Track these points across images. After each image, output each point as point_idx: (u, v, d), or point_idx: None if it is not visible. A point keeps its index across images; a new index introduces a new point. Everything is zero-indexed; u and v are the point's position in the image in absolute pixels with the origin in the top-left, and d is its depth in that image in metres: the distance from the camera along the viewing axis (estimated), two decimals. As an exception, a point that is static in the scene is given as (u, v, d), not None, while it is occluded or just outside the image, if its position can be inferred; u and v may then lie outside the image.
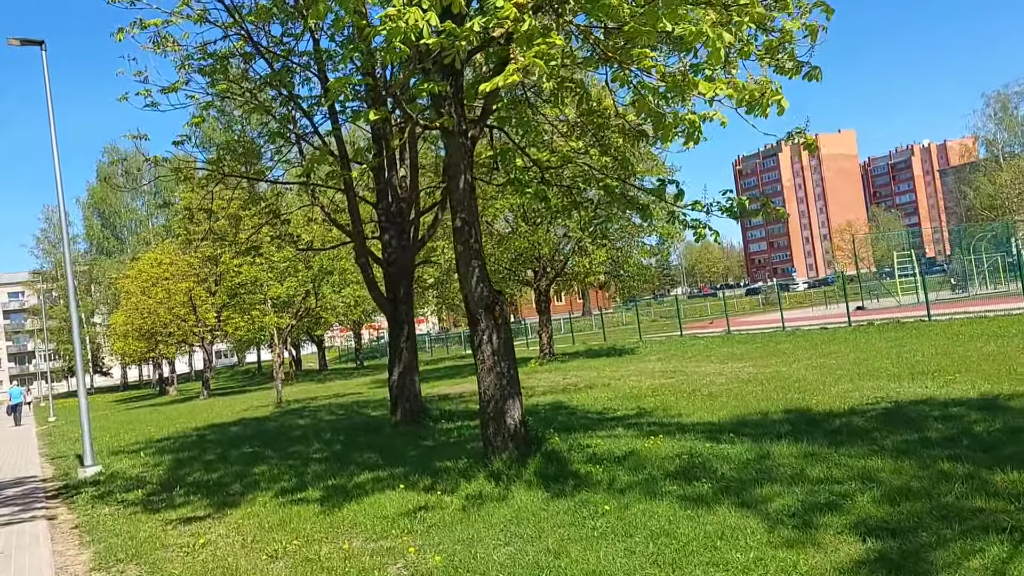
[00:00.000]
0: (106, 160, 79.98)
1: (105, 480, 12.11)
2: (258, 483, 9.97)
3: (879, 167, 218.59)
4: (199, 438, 17.15)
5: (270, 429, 17.19)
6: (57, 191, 13.90)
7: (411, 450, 11.04)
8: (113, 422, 28.01)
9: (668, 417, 11.21)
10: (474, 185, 8.30)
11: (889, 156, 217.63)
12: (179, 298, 35.61)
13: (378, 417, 16.60)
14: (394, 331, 13.44)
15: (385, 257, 13.60)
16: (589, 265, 25.28)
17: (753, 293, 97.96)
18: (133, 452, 15.79)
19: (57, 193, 13.83)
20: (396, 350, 13.39)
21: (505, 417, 8.22)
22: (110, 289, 70.92)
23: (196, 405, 32.90)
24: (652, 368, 20.34)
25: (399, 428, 13.13)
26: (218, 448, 14.51)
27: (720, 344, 25.73)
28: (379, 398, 22.27)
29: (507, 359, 8.27)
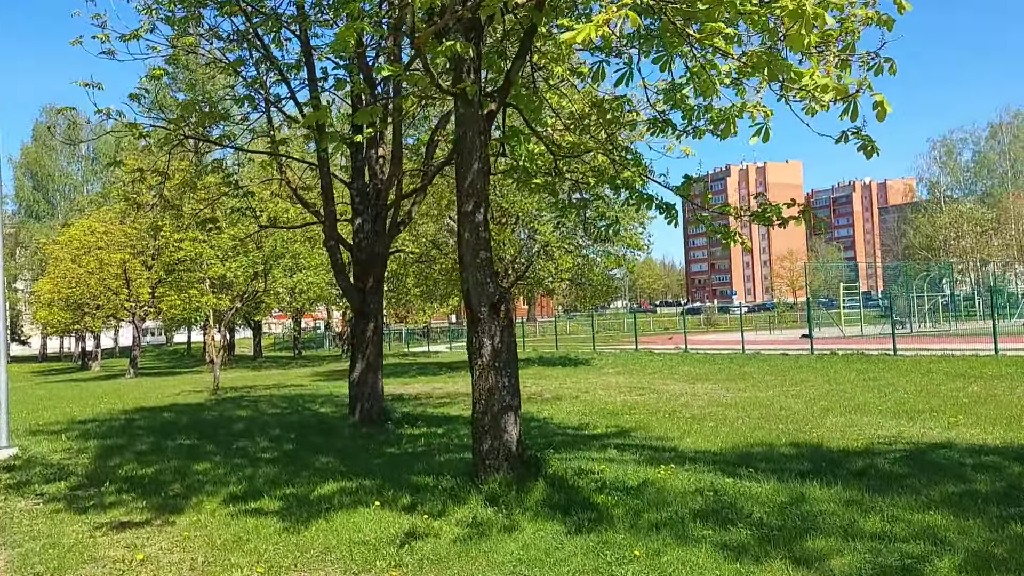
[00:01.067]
0: (44, 119, 76.38)
1: (21, 466, 10.70)
2: (202, 484, 8.77)
3: (821, 199, 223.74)
4: (127, 422, 15.69)
5: (207, 419, 15.82)
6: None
7: (375, 458, 9.96)
8: (31, 396, 26.04)
9: (658, 440, 10.35)
10: (489, 166, 7.30)
11: (831, 190, 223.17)
12: (112, 269, 33.57)
13: (329, 415, 15.40)
14: (360, 323, 12.32)
15: (356, 243, 12.46)
16: (555, 271, 24.42)
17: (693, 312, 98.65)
18: (54, 433, 14.28)
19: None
20: (361, 344, 12.27)
21: (503, 432, 7.23)
22: (37, 255, 67.50)
23: (122, 384, 30.98)
24: (616, 382, 19.55)
25: (358, 430, 12.00)
26: (150, 437, 13.15)
27: (679, 362, 25.14)
28: (325, 393, 21.03)
29: (510, 366, 7.30)
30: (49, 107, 76.29)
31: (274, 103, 12.65)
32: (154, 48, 12.34)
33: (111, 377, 38.08)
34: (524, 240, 26.28)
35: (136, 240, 34.50)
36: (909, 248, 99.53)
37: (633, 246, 24.93)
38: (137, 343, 36.25)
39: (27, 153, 75.92)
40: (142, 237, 34.94)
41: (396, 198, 12.12)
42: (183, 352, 77.95)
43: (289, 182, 13.26)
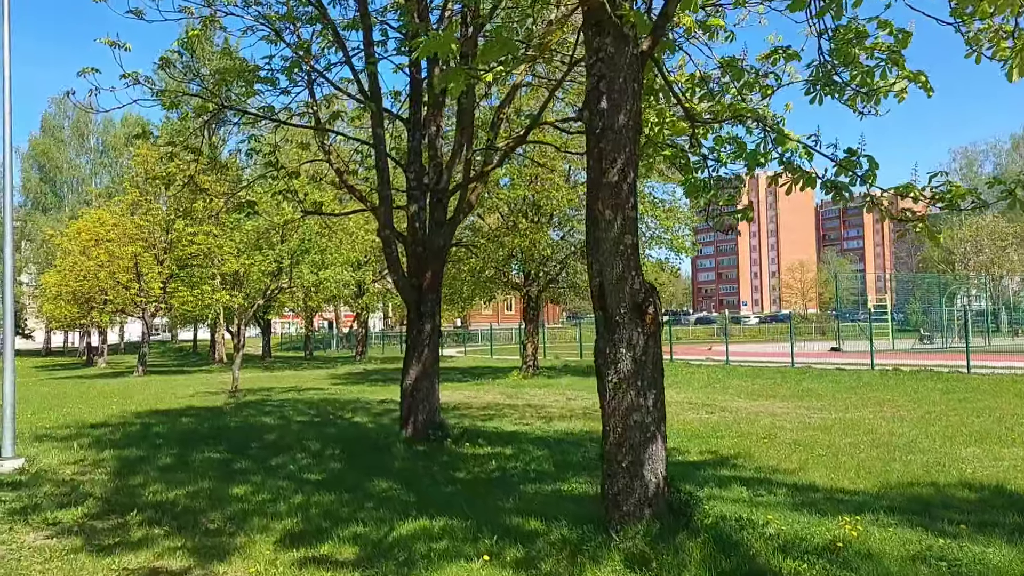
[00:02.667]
0: (53, 110, 75.20)
1: (29, 481, 9.16)
2: (247, 516, 7.22)
3: (830, 211, 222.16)
4: (144, 428, 14.15)
5: (231, 427, 14.28)
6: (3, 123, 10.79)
7: (445, 484, 8.41)
8: (35, 394, 24.50)
9: (776, 473, 8.80)
10: (641, 123, 5.76)
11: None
12: (123, 263, 32.02)
13: (368, 425, 13.85)
14: (416, 324, 10.77)
15: (411, 233, 10.92)
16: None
17: (704, 323, 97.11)
18: (63, 440, 12.75)
19: (3, 127, 10.73)
20: (416, 348, 10.72)
21: (643, 469, 5.68)
22: (43, 247, 66.07)
23: (131, 383, 29.43)
24: (673, 398, 17.94)
25: (411, 446, 10.44)
26: (173, 447, 11.61)
27: (725, 375, 23.54)
28: (351, 399, 19.48)
29: (656, 385, 5.76)
30: (57, 98, 75.08)
31: (320, 72, 11.12)
32: (187, 9, 10.86)
33: (118, 375, 36.53)
34: (556, 240, 24.71)
35: (148, 233, 32.98)
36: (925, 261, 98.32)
37: (679, 248, 23.36)
38: (146, 340, 34.71)
39: (35, 144, 74.61)
40: (154, 230, 33.45)
41: (465, 181, 10.56)
42: (189, 350, 76.47)
43: (334, 165, 11.72)
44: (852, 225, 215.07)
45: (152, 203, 33.62)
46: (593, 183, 5.73)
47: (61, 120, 74.05)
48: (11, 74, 10.61)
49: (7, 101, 10.68)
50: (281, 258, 18.72)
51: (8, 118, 10.79)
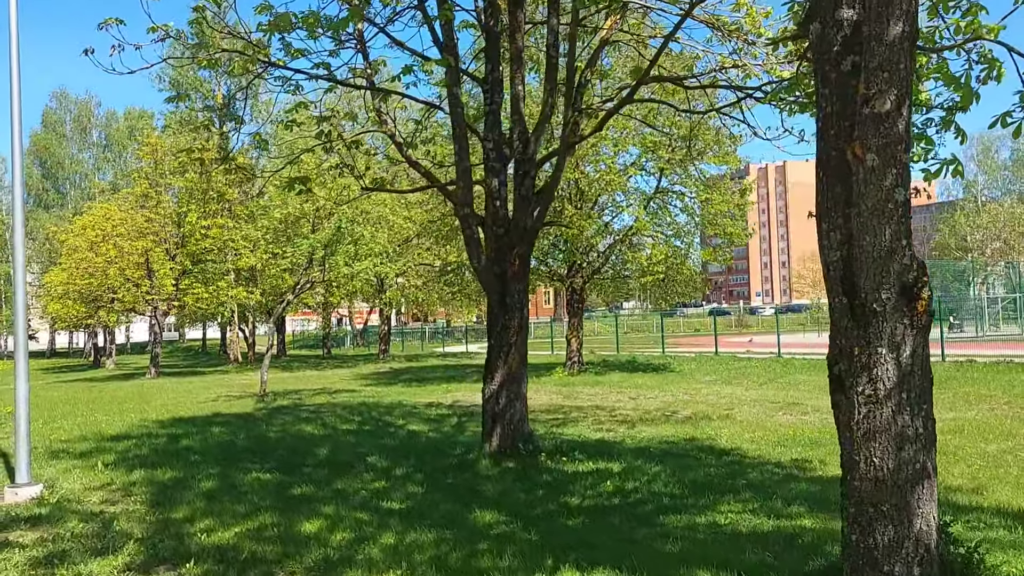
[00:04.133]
0: (54, 105, 73.61)
1: (50, 516, 7.59)
2: (334, 566, 5.67)
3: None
4: (171, 441, 12.59)
5: (272, 437, 12.73)
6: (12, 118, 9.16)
7: (565, 516, 6.83)
8: (45, 400, 22.96)
9: (965, 495, 7.22)
10: (918, 29, 4.16)
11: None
12: (133, 258, 30.44)
13: (427, 434, 12.29)
14: (500, 319, 9.19)
15: (491, 213, 9.33)
16: (647, 262, 21.20)
17: (719, 314, 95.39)
18: (83, 456, 11.20)
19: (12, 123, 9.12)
20: (501, 347, 9.14)
21: (912, 514, 4.09)
22: (46, 245, 64.55)
23: (145, 386, 27.88)
24: (744, 395, 16.39)
25: (499, 463, 8.86)
26: (212, 465, 10.05)
27: (782, 368, 21.95)
28: (393, 402, 17.93)
29: (925, 400, 4.17)
30: (59, 92, 73.52)
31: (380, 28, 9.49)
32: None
33: (129, 377, 35.00)
34: (602, 226, 23.08)
35: (159, 227, 31.41)
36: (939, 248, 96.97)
37: (736, 236, 21.74)
38: (158, 340, 33.14)
39: (36, 140, 72.97)
40: (165, 223, 31.88)
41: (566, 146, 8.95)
42: (198, 349, 75.05)
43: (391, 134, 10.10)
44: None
45: (162, 195, 32.06)
46: (841, 118, 4.13)
47: (63, 115, 72.47)
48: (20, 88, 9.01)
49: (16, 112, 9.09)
50: (314, 248, 17.19)
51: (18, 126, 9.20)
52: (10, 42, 8.96)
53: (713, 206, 21.08)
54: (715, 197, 21.02)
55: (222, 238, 31.15)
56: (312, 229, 21.29)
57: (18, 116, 9.08)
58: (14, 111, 9.07)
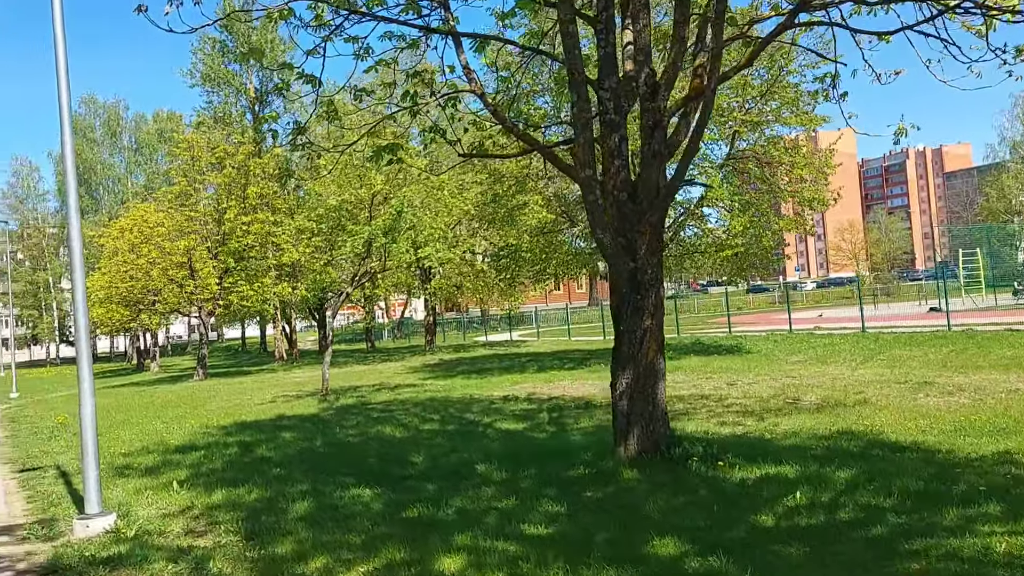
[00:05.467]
0: (83, 110, 73.10)
1: (131, 555, 6.37)
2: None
3: (872, 169, 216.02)
4: (243, 450, 11.41)
5: (352, 442, 11.50)
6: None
7: (771, 543, 5.44)
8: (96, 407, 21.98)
9: None
10: None
11: (883, 158, 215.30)
12: (175, 258, 29.46)
13: (530, 434, 10.98)
14: (629, 300, 7.81)
15: (611, 176, 7.93)
16: (725, 235, 19.68)
17: (758, 291, 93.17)
18: (152, 473, 10.06)
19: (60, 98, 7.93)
20: (633, 333, 7.76)
21: None
22: (84, 250, 64.23)
23: (195, 389, 26.91)
24: (854, 376, 14.89)
25: (645, 471, 7.49)
26: (299, 479, 8.82)
27: (879, 345, 20.31)
28: (461, 396, 16.71)
29: None
30: (88, 97, 73.03)
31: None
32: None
33: (176, 379, 34.20)
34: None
35: (200, 225, 30.40)
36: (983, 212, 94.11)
37: (819, 201, 20.09)
38: (205, 340, 32.20)
39: (68, 146, 72.58)
40: (205, 221, 30.87)
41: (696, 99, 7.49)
42: (238, 348, 74.64)
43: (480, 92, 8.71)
44: (895, 183, 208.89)
45: (201, 192, 31.07)
46: None
47: (91, 119, 71.96)
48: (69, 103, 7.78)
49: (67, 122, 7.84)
50: (373, 237, 15.94)
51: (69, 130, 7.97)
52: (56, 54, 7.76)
53: (796, 170, 19.48)
54: (799, 160, 19.42)
55: (263, 233, 30.07)
56: (369, 216, 20.05)
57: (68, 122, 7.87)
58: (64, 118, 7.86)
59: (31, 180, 78.86)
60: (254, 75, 41.01)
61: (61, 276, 79.27)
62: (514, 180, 20.08)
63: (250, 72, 40.72)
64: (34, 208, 79.35)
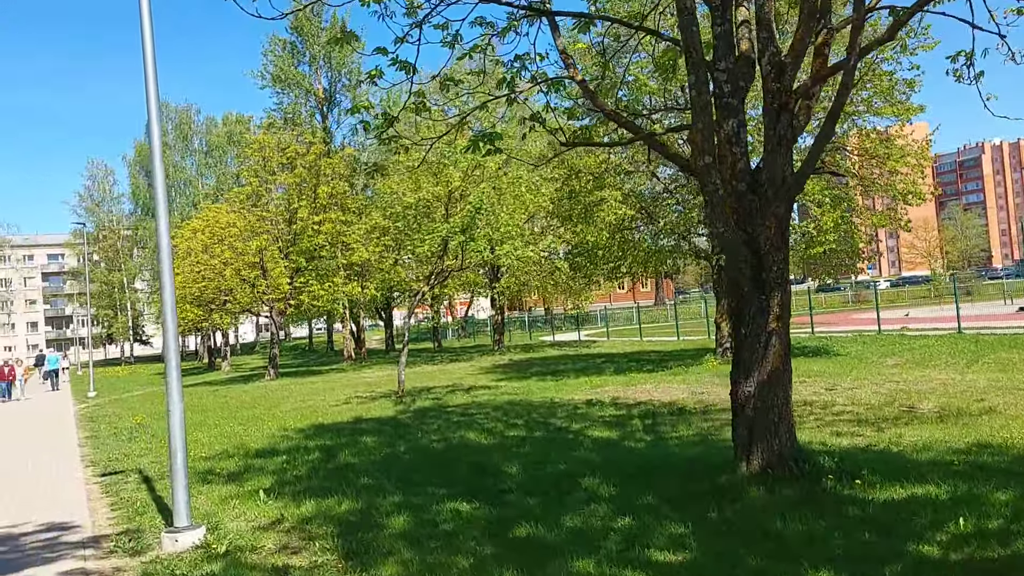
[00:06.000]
0: (156, 114, 74.70)
1: (223, 575, 5.96)
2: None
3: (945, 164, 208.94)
4: (326, 455, 11.04)
5: (436, 448, 11.03)
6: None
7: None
8: (171, 407, 22.07)
9: None
10: None
11: (957, 153, 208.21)
12: (248, 258, 29.57)
13: (627, 444, 10.35)
14: (752, 300, 7.13)
15: (729, 165, 7.25)
16: (815, 231, 18.70)
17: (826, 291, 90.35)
18: (235, 480, 9.73)
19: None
20: (757, 336, 7.08)
21: None
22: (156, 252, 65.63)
23: (268, 389, 26.94)
24: (963, 381, 13.83)
25: (773, 489, 6.79)
26: (390, 490, 8.34)
27: (978, 348, 19.07)
28: (542, 400, 16.15)
29: None
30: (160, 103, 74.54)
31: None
32: None
33: (247, 379, 34.42)
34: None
35: (271, 224, 30.48)
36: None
37: (914, 195, 18.93)
38: (276, 340, 32.32)
39: (140, 150, 74.48)
40: (276, 221, 30.94)
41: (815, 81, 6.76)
42: (304, 347, 75.46)
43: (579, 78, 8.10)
44: (970, 178, 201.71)
45: (272, 191, 31.17)
46: None
47: (164, 123, 73.49)
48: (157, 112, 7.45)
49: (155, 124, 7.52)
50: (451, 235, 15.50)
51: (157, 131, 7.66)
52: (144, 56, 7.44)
53: (890, 162, 18.40)
54: (894, 152, 18.34)
55: (334, 233, 30.01)
56: (446, 213, 19.62)
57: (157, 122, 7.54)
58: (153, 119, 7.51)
59: (106, 183, 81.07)
60: (323, 76, 41.13)
61: (135, 276, 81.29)
62: (591, 176, 19.44)
63: (319, 73, 40.84)
64: (109, 211, 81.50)
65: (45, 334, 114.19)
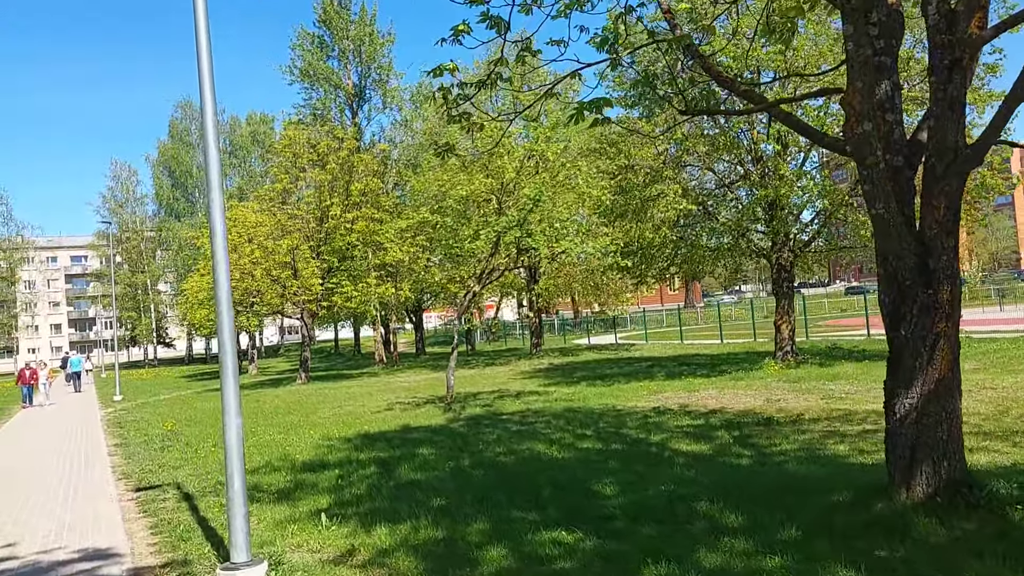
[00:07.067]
0: (179, 115, 74.40)
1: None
2: None
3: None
4: (384, 470, 9.98)
5: (506, 463, 9.94)
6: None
7: None
8: (204, 412, 21.17)
9: None
10: None
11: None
12: (278, 258, 28.61)
13: (714, 458, 9.21)
14: (914, 293, 5.99)
15: (883, 136, 6.11)
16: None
17: (856, 293, 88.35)
18: (286, 498, 8.70)
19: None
20: (922, 337, 5.94)
21: None
22: (181, 252, 65.03)
23: (301, 393, 25.98)
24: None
25: (944, 521, 5.63)
26: (471, 515, 7.23)
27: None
28: (601, 406, 15.09)
29: None
30: (184, 102, 74.24)
31: None
32: None
33: (277, 383, 33.50)
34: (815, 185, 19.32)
35: (303, 223, 29.54)
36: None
37: (996, 187, 17.59)
38: (307, 342, 31.35)
39: (164, 151, 74.02)
40: (308, 220, 30.00)
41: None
42: (330, 350, 74.65)
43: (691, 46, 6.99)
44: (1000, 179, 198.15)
45: (303, 189, 30.25)
46: None
47: (187, 123, 73.05)
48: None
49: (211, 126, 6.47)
50: (506, 230, 14.39)
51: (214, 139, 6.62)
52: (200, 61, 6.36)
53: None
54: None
55: (368, 232, 29.02)
56: (498, 207, 18.48)
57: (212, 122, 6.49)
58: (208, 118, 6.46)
59: (130, 184, 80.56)
60: (352, 71, 40.18)
61: (159, 278, 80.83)
62: (648, 170, 18.30)
63: (348, 68, 39.90)
64: (132, 212, 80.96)
65: (68, 336, 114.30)
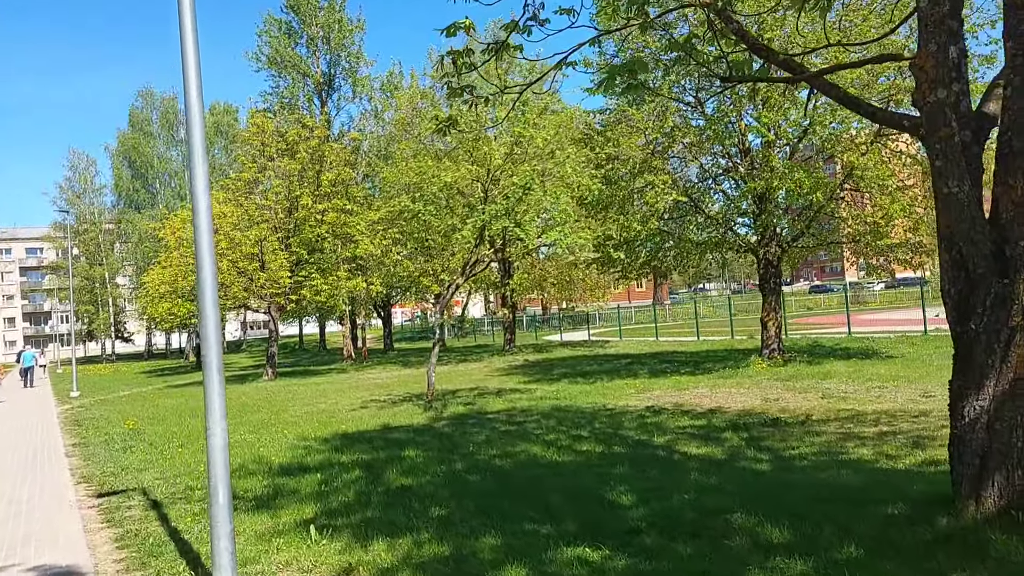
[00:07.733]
0: (140, 104, 72.31)
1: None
2: None
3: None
4: (370, 475, 9.20)
5: (504, 468, 9.21)
6: None
7: None
8: (166, 410, 20.15)
9: None
10: None
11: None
12: (245, 249, 27.51)
13: (731, 461, 8.57)
14: (985, 284, 5.40)
15: (936, 107, 5.49)
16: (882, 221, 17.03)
17: (820, 292, 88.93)
18: (265, 507, 7.89)
19: None
20: (995, 333, 5.35)
21: None
22: (141, 244, 63.18)
23: (268, 389, 25.00)
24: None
25: (1023, 538, 5.03)
26: (478, 529, 6.50)
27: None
28: (590, 404, 14.51)
29: None
30: (145, 91, 72.24)
31: None
32: None
33: (242, 379, 32.40)
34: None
35: (272, 214, 28.47)
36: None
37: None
38: (275, 338, 30.29)
39: (124, 140, 71.82)
40: (276, 210, 28.94)
41: None
42: (294, 346, 73.26)
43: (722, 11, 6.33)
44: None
45: (272, 179, 29.17)
46: None
47: (149, 112, 71.03)
48: None
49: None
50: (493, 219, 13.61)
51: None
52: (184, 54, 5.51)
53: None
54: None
55: (338, 224, 28.07)
56: (484, 196, 17.68)
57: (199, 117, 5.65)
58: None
59: (88, 174, 78.14)
60: (321, 59, 39.03)
61: (117, 271, 78.63)
62: (636, 162, 17.69)
63: (317, 56, 38.73)
64: (91, 203, 78.58)
65: (23, 330, 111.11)
